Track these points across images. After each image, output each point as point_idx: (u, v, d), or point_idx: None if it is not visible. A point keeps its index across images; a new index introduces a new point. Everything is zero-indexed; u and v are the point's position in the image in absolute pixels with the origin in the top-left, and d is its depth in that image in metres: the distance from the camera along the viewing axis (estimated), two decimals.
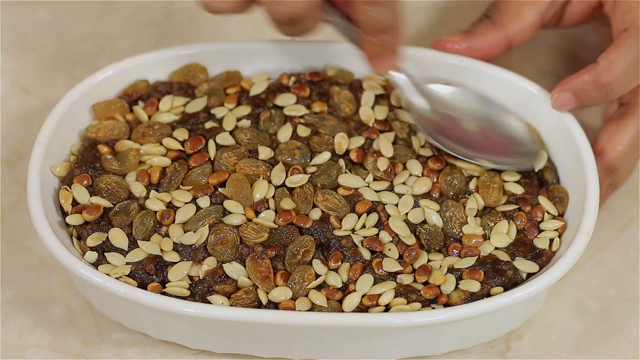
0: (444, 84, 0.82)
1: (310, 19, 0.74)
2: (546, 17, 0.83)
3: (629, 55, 0.77)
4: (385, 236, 0.75)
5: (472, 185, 0.78)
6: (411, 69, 0.81)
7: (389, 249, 0.74)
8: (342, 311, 0.71)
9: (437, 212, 0.76)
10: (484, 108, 0.81)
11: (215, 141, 0.79)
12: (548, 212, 0.77)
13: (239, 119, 0.80)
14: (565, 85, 0.79)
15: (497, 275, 0.73)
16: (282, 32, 0.76)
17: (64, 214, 0.76)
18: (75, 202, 0.76)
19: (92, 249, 0.74)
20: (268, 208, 0.75)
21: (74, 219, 0.75)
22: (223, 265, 0.73)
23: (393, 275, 0.73)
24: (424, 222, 0.76)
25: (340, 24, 0.78)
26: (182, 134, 0.79)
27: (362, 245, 0.74)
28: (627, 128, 0.80)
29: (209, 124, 0.80)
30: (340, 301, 0.72)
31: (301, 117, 0.81)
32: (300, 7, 0.73)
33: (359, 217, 0.75)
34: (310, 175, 0.77)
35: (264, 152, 0.78)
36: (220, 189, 0.76)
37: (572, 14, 0.85)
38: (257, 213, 0.75)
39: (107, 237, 0.74)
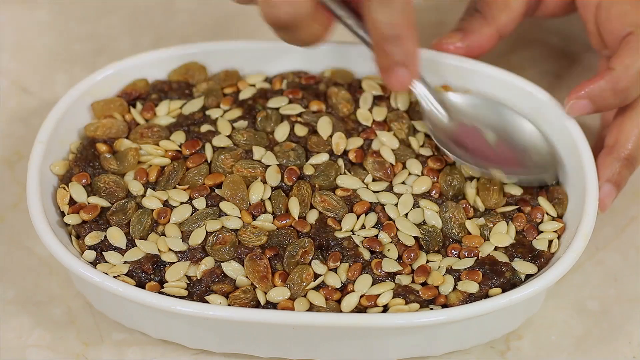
0: (457, 91, 0.81)
1: (308, 24, 0.70)
2: (530, 5, 0.84)
3: None
4: (384, 237, 0.75)
5: (472, 186, 0.78)
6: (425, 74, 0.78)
7: (388, 250, 0.74)
8: (341, 311, 0.71)
9: (437, 212, 0.76)
10: (500, 115, 0.80)
11: (212, 144, 0.78)
12: (547, 214, 0.77)
13: (234, 121, 0.80)
14: (581, 92, 0.78)
15: (496, 276, 0.73)
16: (284, 40, 0.72)
17: (64, 213, 0.76)
18: (73, 201, 0.76)
19: (90, 247, 0.74)
20: (265, 211, 0.75)
21: (72, 218, 0.75)
22: (221, 264, 0.73)
23: (392, 276, 0.73)
24: (424, 222, 0.76)
25: (353, 26, 0.73)
26: (179, 137, 0.79)
27: (362, 245, 0.74)
28: (637, 117, 0.79)
29: (204, 127, 0.80)
30: (339, 301, 0.72)
31: (298, 115, 0.81)
32: (288, 11, 0.68)
33: (357, 218, 0.75)
34: (297, 181, 0.77)
35: (259, 152, 0.78)
36: (216, 190, 0.76)
37: (547, 6, 0.85)
38: (254, 217, 0.75)
39: (105, 235, 0.74)
